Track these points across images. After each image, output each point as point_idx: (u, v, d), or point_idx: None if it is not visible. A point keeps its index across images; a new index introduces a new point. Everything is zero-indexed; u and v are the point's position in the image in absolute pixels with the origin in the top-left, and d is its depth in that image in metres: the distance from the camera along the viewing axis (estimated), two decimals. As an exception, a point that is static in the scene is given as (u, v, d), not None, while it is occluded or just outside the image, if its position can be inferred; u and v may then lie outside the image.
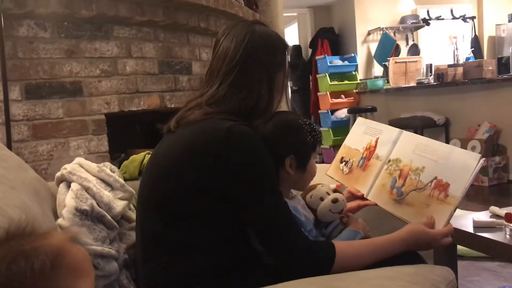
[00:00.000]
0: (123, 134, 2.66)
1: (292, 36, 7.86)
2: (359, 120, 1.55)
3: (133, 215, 1.36)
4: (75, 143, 2.21)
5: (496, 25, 6.92)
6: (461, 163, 1.15)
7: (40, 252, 0.66)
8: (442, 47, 6.87)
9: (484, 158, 1.14)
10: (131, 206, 1.43)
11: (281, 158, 1.16)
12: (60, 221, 1.19)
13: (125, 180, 1.58)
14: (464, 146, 4.65)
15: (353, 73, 6.73)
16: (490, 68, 4.67)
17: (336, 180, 1.50)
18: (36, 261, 0.64)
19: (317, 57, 6.81)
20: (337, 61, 6.69)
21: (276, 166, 1.13)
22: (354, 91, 6.63)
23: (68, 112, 2.20)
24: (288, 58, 1.27)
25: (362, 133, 1.47)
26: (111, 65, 2.36)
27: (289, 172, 1.17)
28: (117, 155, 2.45)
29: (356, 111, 5.93)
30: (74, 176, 1.30)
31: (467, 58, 5.94)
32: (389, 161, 1.32)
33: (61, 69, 2.18)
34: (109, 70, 2.36)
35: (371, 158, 1.38)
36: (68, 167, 1.35)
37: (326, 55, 6.67)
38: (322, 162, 6.48)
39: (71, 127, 2.20)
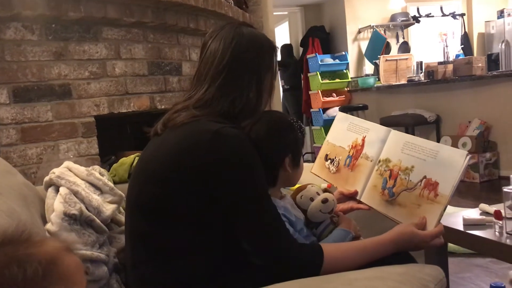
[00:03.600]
0: (113, 136, 2.65)
1: (283, 34, 7.87)
2: (340, 115, 1.53)
3: (123, 218, 1.35)
4: (64, 146, 2.20)
5: (485, 21, 6.97)
6: (448, 160, 1.15)
7: (34, 259, 0.66)
8: (432, 44, 6.91)
9: (470, 155, 1.14)
10: (121, 209, 1.43)
11: (281, 157, 1.19)
12: (48, 226, 1.18)
13: (114, 183, 1.57)
14: (455, 143, 4.67)
15: (344, 71, 6.74)
16: (480, 65, 4.69)
17: (323, 179, 1.50)
18: (29, 268, 0.65)
19: (308, 56, 6.81)
20: (328, 60, 6.70)
21: (275, 166, 1.17)
22: (346, 89, 6.64)
23: (57, 115, 2.18)
24: (277, 59, 1.27)
25: (346, 129, 1.46)
26: (100, 67, 2.35)
27: (287, 170, 1.20)
28: (107, 157, 2.44)
29: (348, 109, 5.94)
30: (63, 180, 1.30)
31: (457, 55, 5.98)
32: (379, 161, 1.32)
33: (49, 72, 2.16)
34: (98, 72, 2.34)
35: (359, 158, 1.38)
36: (56, 171, 1.34)
37: (317, 54, 6.67)
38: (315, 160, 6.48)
39: (61, 130, 2.19)
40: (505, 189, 1.38)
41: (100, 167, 1.49)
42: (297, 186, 1.52)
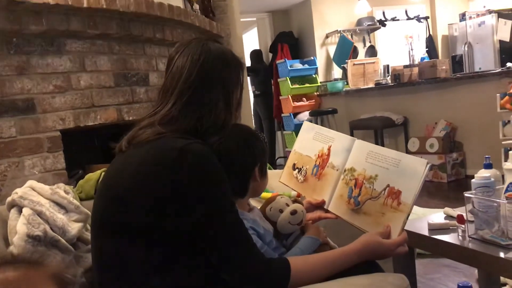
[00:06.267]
0: (80, 150, 2.60)
1: (252, 40, 7.89)
2: (306, 124, 1.56)
3: (89, 236, 1.33)
4: (30, 161, 2.15)
5: (448, 24, 7.15)
6: (410, 169, 1.18)
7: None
8: (398, 47, 7.04)
9: (430, 164, 1.17)
10: (88, 227, 1.41)
11: (251, 168, 1.22)
12: (11, 249, 1.16)
13: (81, 199, 1.55)
14: (422, 144, 4.77)
15: (313, 76, 6.81)
16: (444, 67, 4.81)
17: (292, 188, 1.51)
18: None
19: (277, 62, 6.86)
20: (297, 65, 6.76)
21: (246, 177, 1.20)
22: (315, 93, 6.71)
23: (21, 130, 2.13)
24: (243, 74, 1.27)
25: (312, 139, 1.48)
26: (64, 80, 2.31)
27: (256, 180, 1.23)
28: (75, 171, 2.40)
29: (318, 113, 6.01)
30: (26, 201, 1.27)
31: (422, 58, 6.10)
32: (344, 170, 1.34)
33: (12, 87, 2.11)
34: (63, 85, 2.30)
35: (325, 167, 1.40)
36: (19, 191, 1.31)
37: (286, 59, 6.72)
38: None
39: (25, 146, 2.14)
40: (466, 194, 1.41)
41: (65, 185, 1.46)
42: (266, 196, 1.52)
